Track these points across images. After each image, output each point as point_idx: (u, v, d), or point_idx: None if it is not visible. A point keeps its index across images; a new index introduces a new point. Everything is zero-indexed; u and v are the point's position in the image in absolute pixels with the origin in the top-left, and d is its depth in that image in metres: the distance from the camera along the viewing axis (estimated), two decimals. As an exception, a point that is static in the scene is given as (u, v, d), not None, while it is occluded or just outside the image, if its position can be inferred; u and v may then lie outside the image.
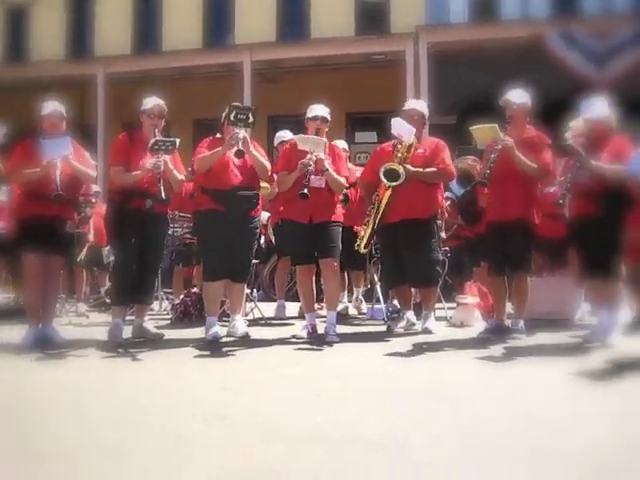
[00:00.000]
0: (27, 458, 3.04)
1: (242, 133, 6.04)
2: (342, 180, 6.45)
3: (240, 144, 5.97)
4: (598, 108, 5.87)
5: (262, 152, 6.51)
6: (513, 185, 6.14)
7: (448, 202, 8.36)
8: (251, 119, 6.12)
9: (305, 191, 6.01)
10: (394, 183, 6.45)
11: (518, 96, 6.26)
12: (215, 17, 16.44)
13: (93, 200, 9.08)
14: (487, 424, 3.46)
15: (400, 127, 6.59)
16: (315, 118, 6.43)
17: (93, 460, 3.01)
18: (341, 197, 6.73)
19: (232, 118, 6.06)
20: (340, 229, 6.45)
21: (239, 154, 5.97)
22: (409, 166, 6.47)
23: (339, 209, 6.54)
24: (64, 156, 5.95)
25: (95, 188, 9.13)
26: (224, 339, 6.26)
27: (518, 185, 6.14)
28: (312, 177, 6.16)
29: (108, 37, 16.34)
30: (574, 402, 3.91)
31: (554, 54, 12.16)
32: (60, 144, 6.00)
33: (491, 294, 6.73)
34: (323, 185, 6.27)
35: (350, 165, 7.91)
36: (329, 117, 6.52)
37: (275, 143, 8.38)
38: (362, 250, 6.75)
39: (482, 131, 6.31)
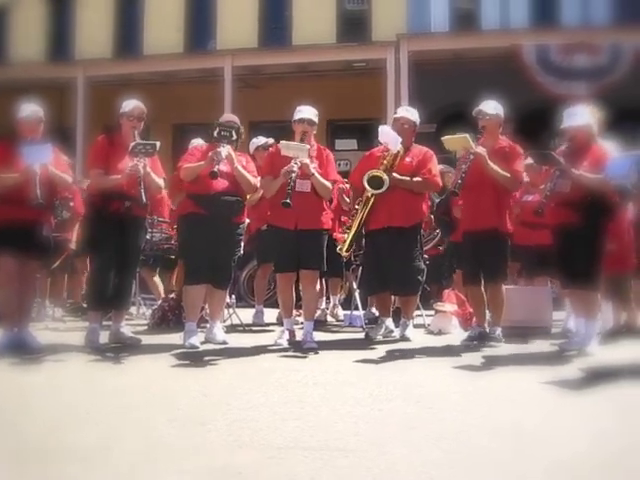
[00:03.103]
0: (3, 461, 3.02)
1: (225, 151, 6.01)
2: (329, 184, 6.34)
3: (220, 164, 5.92)
4: (580, 116, 5.90)
5: (252, 167, 6.48)
6: (486, 195, 6.20)
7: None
8: (234, 136, 6.10)
9: (287, 200, 5.95)
10: (377, 191, 6.45)
11: (491, 107, 6.33)
12: (197, 22, 16.41)
13: (70, 204, 8.98)
14: (466, 433, 3.47)
15: (387, 136, 6.58)
16: (301, 121, 6.34)
17: (70, 464, 2.99)
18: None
19: (215, 135, 6.05)
20: (326, 237, 6.41)
21: (213, 175, 5.91)
22: (395, 174, 6.46)
23: (326, 215, 6.46)
24: (43, 164, 5.89)
25: None
26: (202, 345, 6.22)
27: (491, 195, 6.21)
28: (298, 181, 6.10)
29: (89, 40, 16.25)
30: (554, 411, 3.93)
31: (529, 71, 12.31)
32: (41, 151, 5.91)
33: (470, 302, 6.76)
34: (309, 190, 6.19)
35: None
36: (316, 119, 6.43)
37: (251, 150, 8.37)
38: (344, 253, 6.73)
39: (453, 141, 6.36)
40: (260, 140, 8.29)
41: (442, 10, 15.00)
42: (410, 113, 6.88)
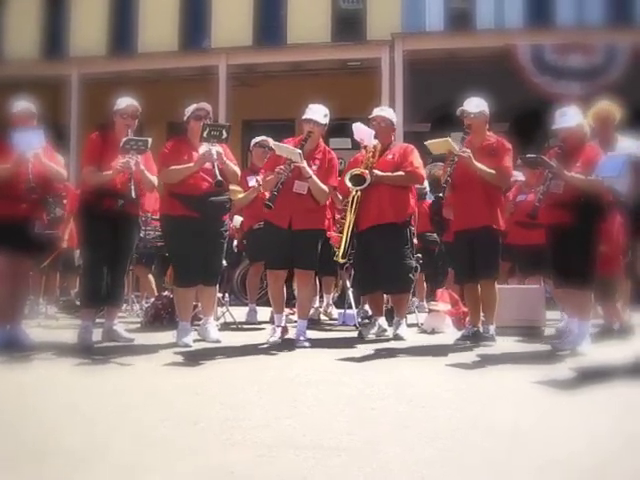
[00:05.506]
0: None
1: (215, 151, 5.93)
2: (326, 189, 6.28)
3: (208, 164, 5.91)
4: (571, 117, 5.92)
5: (231, 157, 6.42)
6: (476, 193, 6.24)
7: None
8: (224, 135, 6.01)
9: (269, 202, 5.96)
10: (359, 187, 6.46)
11: (474, 105, 6.38)
12: (191, 20, 16.36)
13: (64, 201, 8.96)
14: (459, 431, 3.47)
15: (360, 132, 6.64)
16: (307, 121, 6.35)
17: (62, 464, 2.98)
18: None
19: (205, 135, 5.94)
20: (320, 238, 6.38)
21: (219, 184, 5.87)
22: (376, 171, 6.48)
23: (322, 215, 6.44)
24: (36, 150, 5.85)
25: None
26: (196, 344, 6.21)
27: (481, 193, 6.25)
28: (296, 182, 6.11)
29: (83, 37, 16.18)
30: (547, 410, 3.94)
31: (523, 71, 12.33)
32: (33, 137, 5.88)
33: (466, 302, 6.76)
34: (305, 191, 6.19)
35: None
36: (323, 120, 6.40)
37: (250, 146, 8.41)
38: (340, 260, 6.71)
39: (437, 145, 6.43)
40: (261, 138, 8.31)
41: (437, 9, 14.99)
42: (385, 112, 6.96)
